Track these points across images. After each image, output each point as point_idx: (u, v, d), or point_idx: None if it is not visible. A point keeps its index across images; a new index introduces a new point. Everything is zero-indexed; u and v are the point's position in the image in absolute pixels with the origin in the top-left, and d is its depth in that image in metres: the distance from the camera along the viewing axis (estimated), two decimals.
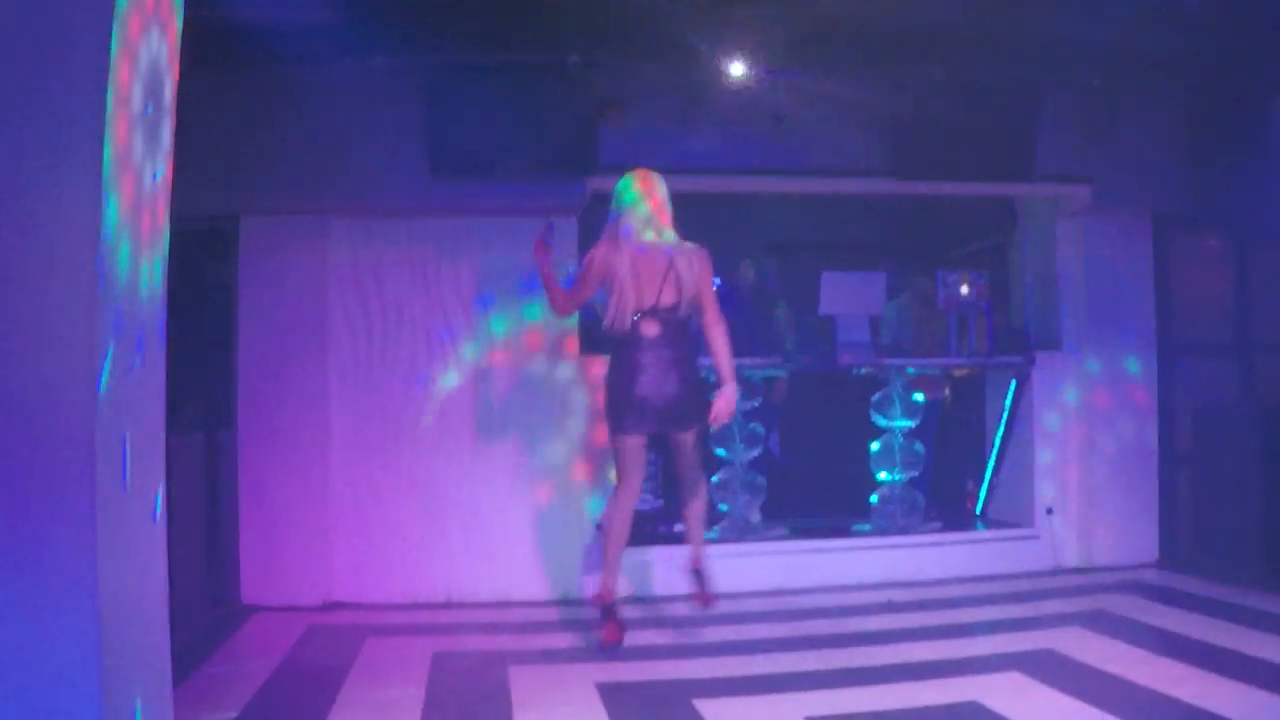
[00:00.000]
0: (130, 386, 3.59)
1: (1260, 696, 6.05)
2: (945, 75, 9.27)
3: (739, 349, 8.19)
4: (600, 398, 7.88)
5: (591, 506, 9.20)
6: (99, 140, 3.29)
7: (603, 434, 8.96)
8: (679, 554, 8.75)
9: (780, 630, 8.03)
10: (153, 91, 3.77)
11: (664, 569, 9.02)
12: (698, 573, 7.85)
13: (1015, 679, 6.54)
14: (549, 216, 8.87)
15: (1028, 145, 9.68)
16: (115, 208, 3.38)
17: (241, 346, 8.85)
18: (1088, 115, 9.81)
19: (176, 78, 4.01)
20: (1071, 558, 10.09)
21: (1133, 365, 10.19)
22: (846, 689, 6.44)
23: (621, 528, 7.59)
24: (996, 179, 9.92)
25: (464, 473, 9.10)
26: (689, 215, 10.53)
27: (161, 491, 3.96)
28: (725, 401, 7.49)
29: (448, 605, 8.90)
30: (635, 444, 7.53)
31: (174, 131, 4.00)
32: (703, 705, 6.12)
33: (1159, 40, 8.83)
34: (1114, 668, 6.69)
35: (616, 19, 8.25)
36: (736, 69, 9.04)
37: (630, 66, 9.09)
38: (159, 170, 3.87)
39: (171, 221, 4.01)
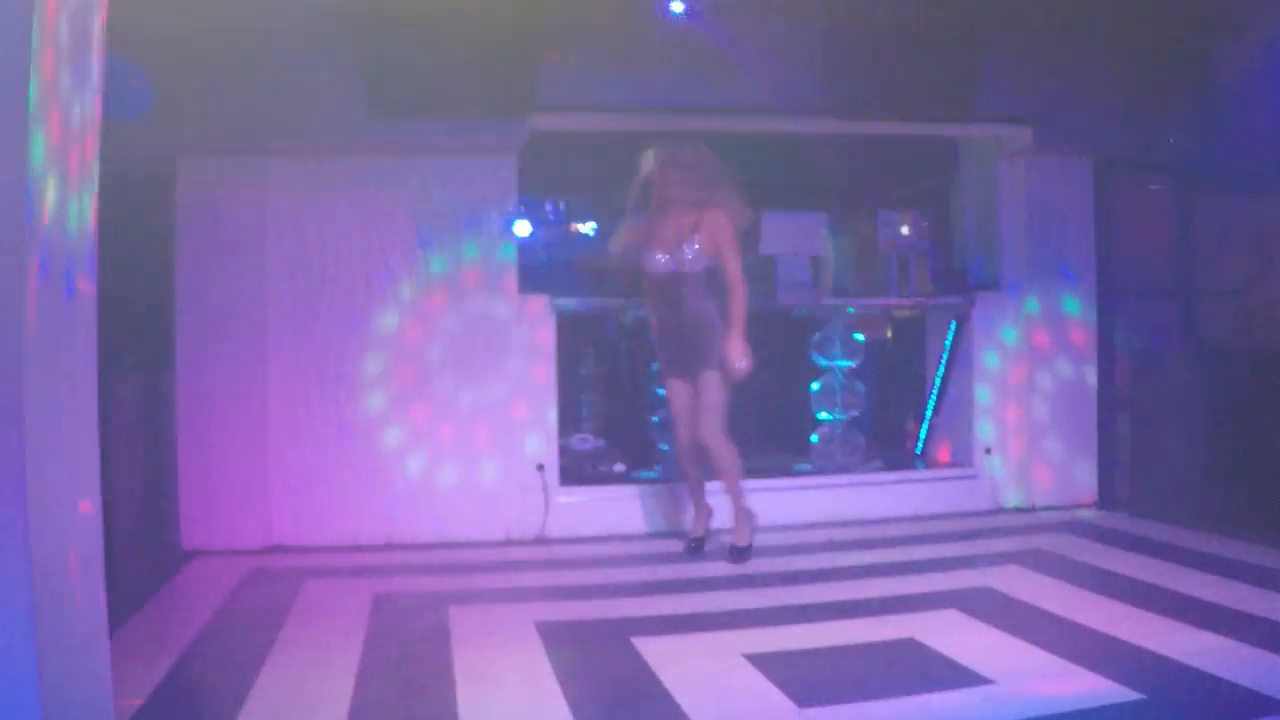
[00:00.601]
0: (60, 323, 3.55)
1: (1196, 635, 6.13)
2: (887, 13, 9.18)
3: None
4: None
5: (530, 445, 9.20)
6: (24, 75, 3.24)
7: (543, 374, 9.06)
8: (614, 493, 8.90)
9: (720, 569, 8.09)
10: (81, 25, 3.71)
11: (602, 508, 9.09)
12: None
13: (952, 616, 6.61)
14: (489, 155, 8.86)
15: (969, 85, 9.65)
16: (41, 144, 3.33)
17: (180, 288, 8.74)
18: (1030, 56, 9.78)
19: (106, 10, 3.95)
20: (1011, 498, 10.18)
21: (1073, 307, 10.23)
22: (785, 626, 6.50)
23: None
24: (937, 119, 9.91)
25: (404, 413, 9.07)
26: (630, 156, 10.48)
27: (95, 431, 3.92)
28: None
29: (389, 547, 8.89)
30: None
31: (104, 68, 3.94)
32: (641, 643, 6.14)
33: None
34: (1051, 606, 6.76)
35: None
36: (678, 6, 8.97)
37: (572, 4, 8.99)
38: (88, 106, 3.82)
39: (108, 162, 3.95)
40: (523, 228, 9.77)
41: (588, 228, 13.29)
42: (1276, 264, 9.35)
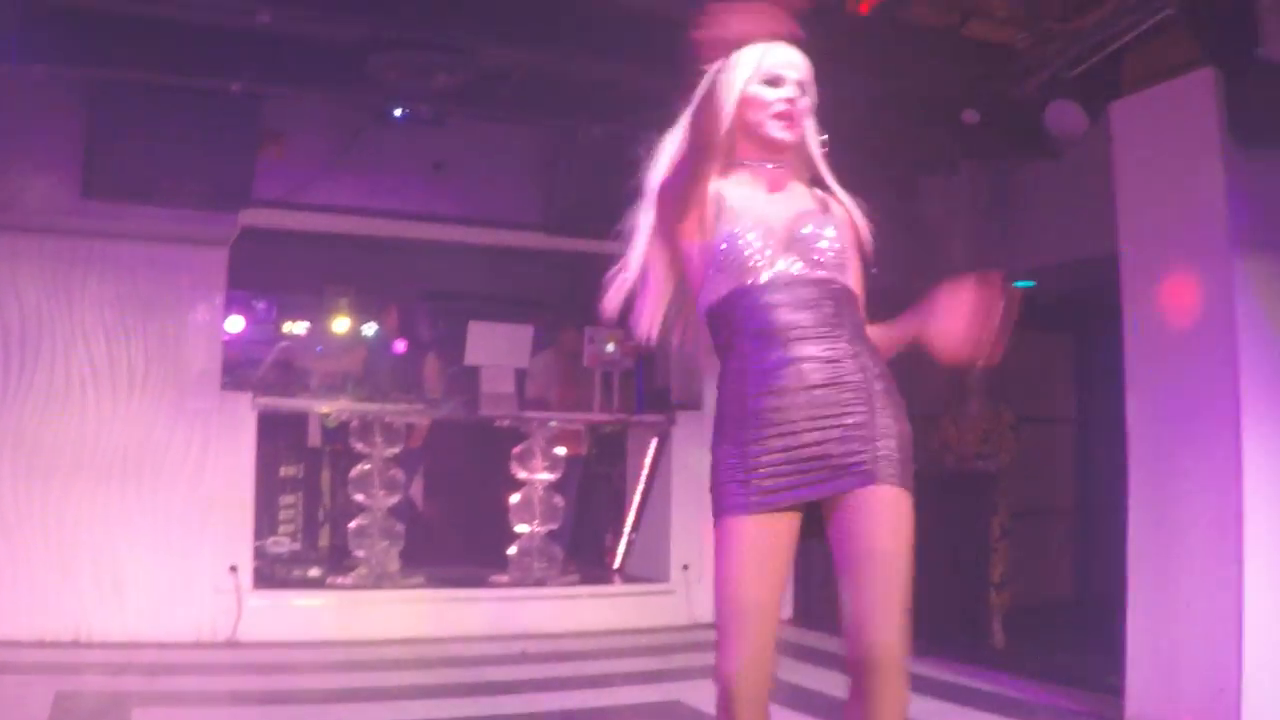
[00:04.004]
0: None
1: None
2: (605, 131, 9.27)
3: (385, 395, 8.14)
4: None
5: (225, 546, 8.99)
6: None
7: (241, 473, 8.89)
8: (308, 597, 8.77)
9: (415, 679, 8.01)
10: None
11: (295, 612, 8.94)
12: None
13: None
14: (199, 246, 8.69)
15: None
16: None
17: None
18: None
19: None
20: (707, 613, 10.26)
21: None
22: None
23: None
24: None
25: (97, 508, 8.72)
26: (341, 257, 10.41)
27: None
28: None
29: (76, 644, 8.52)
30: None
31: None
32: None
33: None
34: None
35: (285, 51, 8.05)
36: (398, 111, 8.98)
37: (293, 101, 8.93)
38: None
39: None
40: (234, 323, 9.61)
41: (298, 326, 13.17)
42: (969, 393, 9.71)
